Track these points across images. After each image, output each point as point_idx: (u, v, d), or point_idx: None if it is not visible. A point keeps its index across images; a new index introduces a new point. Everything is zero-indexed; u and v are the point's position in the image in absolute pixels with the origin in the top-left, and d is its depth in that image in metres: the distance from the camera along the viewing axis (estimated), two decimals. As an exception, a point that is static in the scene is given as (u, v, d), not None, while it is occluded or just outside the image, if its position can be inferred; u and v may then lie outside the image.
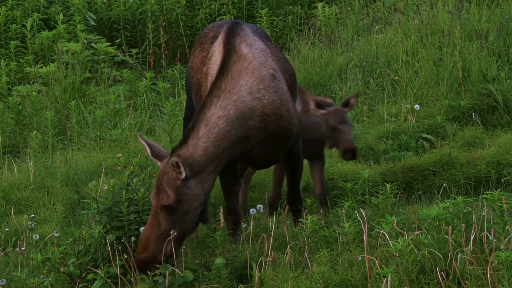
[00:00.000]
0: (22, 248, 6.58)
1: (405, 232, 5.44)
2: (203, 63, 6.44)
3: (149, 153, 5.84)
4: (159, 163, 5.75)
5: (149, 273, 5.58)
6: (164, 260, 5.58)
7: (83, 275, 5.89)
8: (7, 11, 13.34)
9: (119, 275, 5.75)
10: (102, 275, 5.72)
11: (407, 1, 12.22)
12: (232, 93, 5.90)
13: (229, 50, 6.03)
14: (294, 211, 6.60)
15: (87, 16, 13.43)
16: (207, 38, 6.63)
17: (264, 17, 12.99)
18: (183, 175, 5.64)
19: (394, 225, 5.44)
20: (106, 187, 6.08)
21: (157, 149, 5.84)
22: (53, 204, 7.92)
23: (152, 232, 5.59)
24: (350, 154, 7.06)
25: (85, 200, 6.52)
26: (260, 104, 5.98)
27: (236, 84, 5.94)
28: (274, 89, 6.05)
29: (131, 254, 5.82)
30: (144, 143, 5.84)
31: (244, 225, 6.61)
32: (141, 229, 5.85)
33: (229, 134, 5.84)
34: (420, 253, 5.23)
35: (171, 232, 5.60)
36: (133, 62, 12.97)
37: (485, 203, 5.52)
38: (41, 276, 5.94)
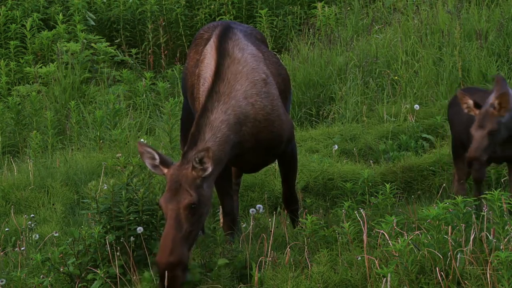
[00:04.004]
0: (22, 248, 6.58)
1: (404, 232, 5.45)
2: (196, 66, 6.44)
3: (156, 161, 5.63)
4: (165, 170, 5.61)
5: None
6: (187, 263, 5.47)
7: (82, 275, 5.88)
8: (7, 11, 13.33)
9: (118, 275, 5.75)
10: (102, 275, 5.72)
11: (407, 1, 12.23)
12: (230, 97, 5.90)
13: (222, 54, 6.01)
14: (292, 211, 6.59)
15: (86, 16, 13.43)
16: (202, 40, 6.62)
17: (263, 17, 12.99)
18: (209, 169, 5.51)
19: (394, 225, 5.44)
20: (105, 187, 6.07)
21: (164, 157, 5.70)
22: (53, 204, 7.92)
23: (177, 234, 5.42)
24: (468, 164, 6.35)
25: (84, 200, 6.52)
26: (253, 110, 5.97)
27: (233, 88, 5.93)
28: (265, 94, 6.05)
29: (131, 254, 5.82)
30: (151, 150, 5.65)
31: (244, 225, 6.60)
32: (139, 229, 5.83)
33: (229, 139, 5.83)
34: (420, 253, 5.24)
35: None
36: (132, 62, 12.97)
37: (485, 203, 5.52)
38: (41, 276, 5.95)
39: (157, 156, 5.63)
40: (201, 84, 6.14)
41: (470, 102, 6.44)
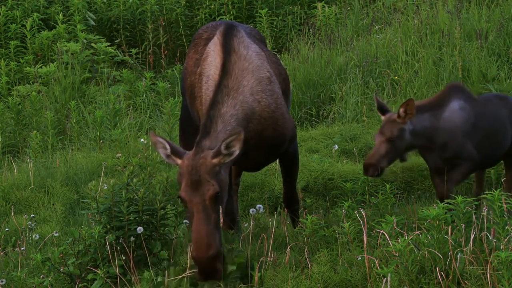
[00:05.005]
0: (22, 248, 6.58)
1: (405, 232, 5.45)
2: (196, 65, 6.42)
3: (167, 151, 5.58)
4: (179, 161, 5.55)
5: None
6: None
7: (82, 275, 5.89)
8: (7, 11, 13.34)
9: (118, 275, 5.75)
10: (102, 275, 5.72)
11: (407, 1, 12.23)
12: (239, 92, 5.89)
13: (228, 51, 6.01)
14: (293, 211, 6.59)
15: (87, 16, 13.44)
16: (201, 40, 6.61)
17: (264, 17, 12.99)
18: (236, 153, 5.48)
19: (394, 225, 5.44)
20: (106, 187, 6.07)
21: (175, 146, 5.63)
22: (53, 204, 7.92)
23: (209, 227, 5.38)
24: (364, 170, 6.24)
25: (85, 200, 6.52)
26: (259, 107, 5.97)
27: (240, 84, 5.93)
28: (270, 92, 6.05)
29: (131, 254, 5.82)
30: (162, 140, 5.59)
31: (245, 225, 6.60)
32: (139, 229, 5.83)
33: None
34: (420, 253, 5.24)
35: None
36: (133, 62, 12.97)
37: (485, 203, 5.52)
38: (41, 276, 5.95)
39: (167, 146, 5.58)
40: (204, 82, 6.13)
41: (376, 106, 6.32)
